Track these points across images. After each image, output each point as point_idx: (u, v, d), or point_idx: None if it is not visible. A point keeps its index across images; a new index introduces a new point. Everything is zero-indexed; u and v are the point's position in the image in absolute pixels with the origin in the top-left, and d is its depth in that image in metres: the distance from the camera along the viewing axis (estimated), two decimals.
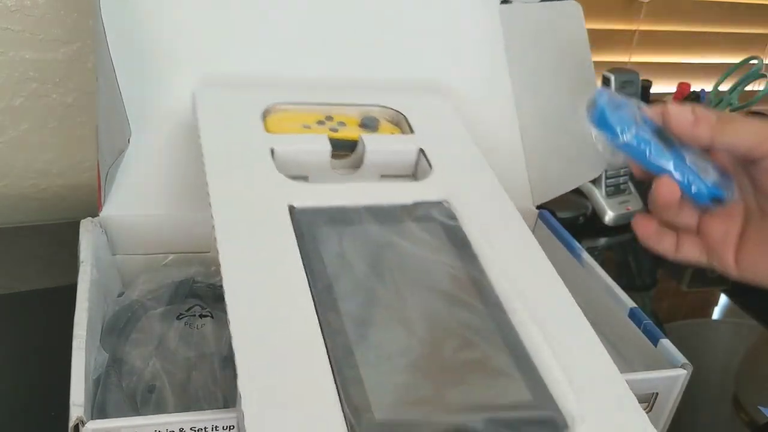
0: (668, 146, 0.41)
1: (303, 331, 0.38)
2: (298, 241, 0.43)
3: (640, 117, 0.41)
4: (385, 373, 0.36)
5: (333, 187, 0.50)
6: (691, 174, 0.42)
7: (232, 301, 0.38)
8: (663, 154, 0.41)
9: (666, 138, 0.42)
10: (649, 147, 0.41)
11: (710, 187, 0.42)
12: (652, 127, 0.42)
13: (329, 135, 0.53)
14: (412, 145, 0.54)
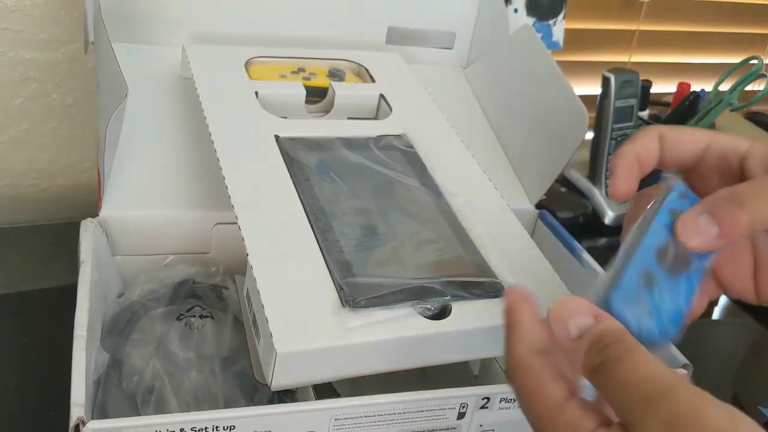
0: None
1: (298, 227, 0.47)
2: (285, 162, 0.52)
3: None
4: (363, 254, 0.46)
5: (310, 123, 0.60)
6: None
7: (239, 207, 0.47)
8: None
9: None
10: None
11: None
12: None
13: (303, 83, 0.62)
14: (374, 91, 0.64)
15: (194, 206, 0.56)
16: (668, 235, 0.34)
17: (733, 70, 0.90)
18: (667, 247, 0.34)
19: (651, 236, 0.34)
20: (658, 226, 0.34)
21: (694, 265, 0.34)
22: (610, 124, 0.85)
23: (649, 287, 0.33)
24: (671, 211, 0.34)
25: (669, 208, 0.34)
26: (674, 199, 0.34)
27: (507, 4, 0.87)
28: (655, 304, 0.33)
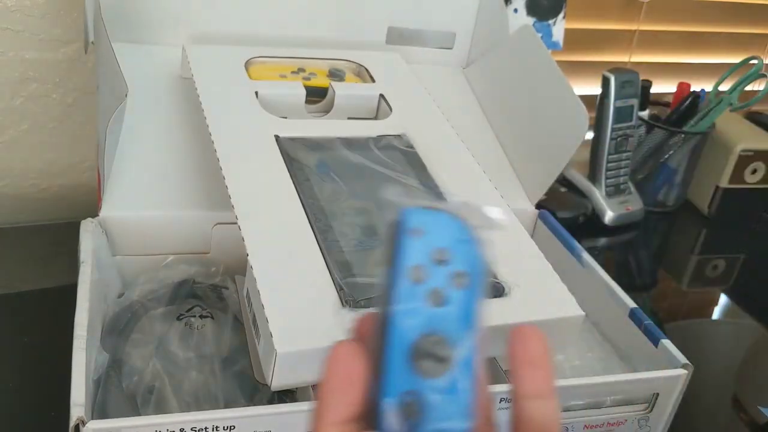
0: None
1: (298, 227, 0.47)
2: (285, 162, 0.52)
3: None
4: (363, 254, 0.46)
5: (310, 123, 0.60)
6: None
7: (239, 207, 0.46)
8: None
9: None
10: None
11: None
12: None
13: (303, 83, 0.62)
14: (374, 91, 0.64)
15: (194, 206, 0.56)
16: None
17: (733, 70, 0.90)
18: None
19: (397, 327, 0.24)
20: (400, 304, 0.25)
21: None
22: (610, 124, 0.85)
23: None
24: (412, 270, 0.24)
25: (407, 266, 0.25)
26: (408, 246, 0.25)
27: (507, 4, 0.87)
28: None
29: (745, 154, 0.92)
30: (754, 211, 0.97)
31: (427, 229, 0.25)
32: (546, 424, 0.26)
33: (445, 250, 0.25)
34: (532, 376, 0.26)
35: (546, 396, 0.26)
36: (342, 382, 0.24)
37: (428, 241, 0.25)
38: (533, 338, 0.26)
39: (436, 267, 0.25)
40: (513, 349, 0.26)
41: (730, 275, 0.87)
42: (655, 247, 0.90)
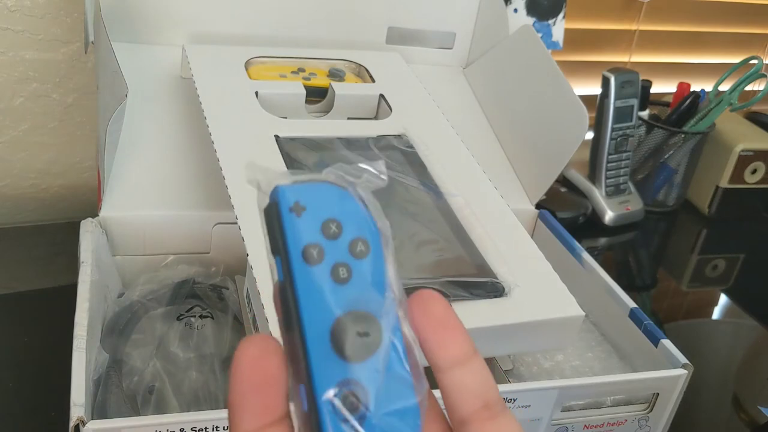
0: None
1: None
2: (285, 162, 0.52)
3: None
4: None
5: (310, 123, 0.60)
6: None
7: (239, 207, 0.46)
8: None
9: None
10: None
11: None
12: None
13: (303, 83, 0.62)
14: (374, 91, 0.64)
15: (194, 206, 0.56)
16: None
17: (733, 70, 0.90)
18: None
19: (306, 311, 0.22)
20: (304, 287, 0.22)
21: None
22: (610, 124, 0.85)
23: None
24: (304, 251, 0.22)
25: (297, 248, 0.22)
26: (293, 226, 0.22)
27: (507, 4, 0.87)
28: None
29: (745, 154, 0.92)
30: (754, 211, 0.97)
31: (307, 204, 0.23)
32: (477, 391, 0.22)
33: (334, 221, 0.23)
34: (444, 340, 0.22)
35: (467, 359, 0.23)
36: (255, 385, 0.21)
37: (313, 216, 0.23)
38: (432, 300, 0.23)
39: (329, 241, 0.22)
40: (413, 317, 0.23)
41: (730, 275, 0.87)
42: (655, 247, 0.90)
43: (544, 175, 0.65)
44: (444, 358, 0.22)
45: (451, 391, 0.22)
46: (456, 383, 0.22)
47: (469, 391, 0.22)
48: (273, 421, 0.21)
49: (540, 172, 0.66)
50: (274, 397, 0.21)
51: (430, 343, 0.22)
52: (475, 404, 0.22)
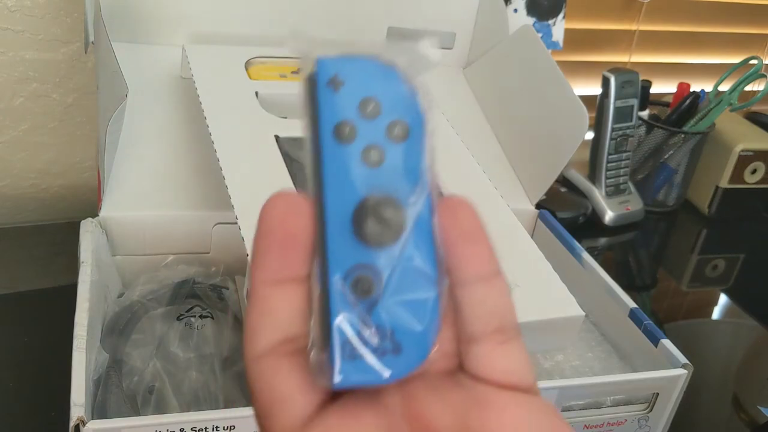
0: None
1: None
2: (285, 162, 0.52)
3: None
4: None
5: None
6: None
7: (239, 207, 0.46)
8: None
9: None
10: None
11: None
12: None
13: None
14: None
15: (194, 206, 0.56)
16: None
17: (732, 70, 0.90)
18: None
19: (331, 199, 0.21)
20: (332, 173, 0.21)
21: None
22: (610, 124, 0.85)
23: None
24: (337, 128, 0.21)
25: (331, 125, 0.21)
26: (329, 101, 0.21)
27: (507, 4, 0.87)
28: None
29: (745, 154, 0.92)
30: (754, 211, 0.97)
31: (347, 79, 0.21)
32: (495, 312, 0.21)
33: (373, 100, 0.21)
34: (469, 254, 0.21)
35: (490, 277, 0.21)
36: (277, 239, 0.20)
37: (351, 92, 0.21)
38: (462, 208, 0.21)
39: (365, 121, 0.21)
40: (441, 225, 0.21)
41: (730, 275, 0.87)
42: (655, 247, 0.90)
43: (544, 175, 0.65)
44: (466, 272, 0.21)
45: (467, 305, 0.21)
46: (474, 299, 0.21)
47: (486, 309, 0.21)
48: (290, 278, 0.20)
49: (540, 172, 0.66)
50: (294, 256, 0.20)
51: (453, 254, 0.21)
52: (490, 325, 0.21)
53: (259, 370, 0.21)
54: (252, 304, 0.21)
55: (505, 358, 0.21)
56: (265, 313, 0.20)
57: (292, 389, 0.20)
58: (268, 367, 0.21)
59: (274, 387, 0.21)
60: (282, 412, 0.21)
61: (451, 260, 0.21)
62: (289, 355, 0.21)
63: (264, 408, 0.21)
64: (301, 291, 0.21)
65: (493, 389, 0.21)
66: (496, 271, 0.21)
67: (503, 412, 0.21)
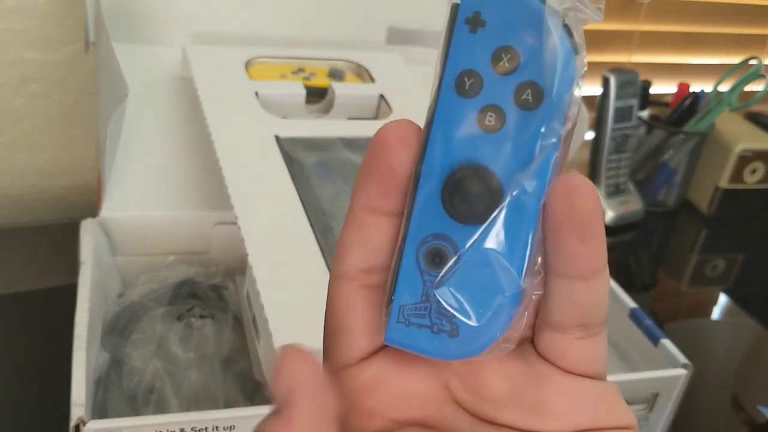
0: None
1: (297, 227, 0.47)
2: (285, 162, 0.52)
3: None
4: None
5: (310, 123, 0.60)
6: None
7: (239, 207, 0.47)
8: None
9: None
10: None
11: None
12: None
13: (303, 83, 0.62)
14: (374, 91, 0.64)
15: (194, 206, 0.56)
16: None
17: (732, 70, 0.90)
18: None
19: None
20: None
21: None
22: (610, 124, 0.85)
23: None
24: (462, 76, 0.18)
25: (456, 71, 0.18)
26: (462, 43, 0.18)
27: None
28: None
29: (745, 154, 0.92)
30: (754, 211, 0.97)
31: (489, 19, 0.18)
32: (586, 310, 0.19)
33: (511, 51, 0.18)
34: (578, 251, 0.18)
35: (592, 276, 0.19)
36: (381, 169, 0.19)
37: (489, 37, 0.18)
38: (582, 193, 0.18)
39: (494, 75, 0.18)
40: (557, 205, 0.18)
41: (729, 275, 0.87)
42: (655, 247, 0.90)
43: None
44: (568, 268, 0.19)
45: (557, 296, 0.19)
46: (566, 293, 0.19)
47: (577, 307, 0.19)
48: (385, 211, 0.20)
49: None
50: (393, 190, 0.19)
51: (558, 246, 0.18)
52: (575, 320, 0.19)
53: (339, 292, 0.21)
54: (347, 223, 0.20)
55: (580, 352, 0.20)
56: (357, 236, 0.20)
57: (360, 325, 0.20)
58: (347, 293, 0.21)
59: (345, 315, 0.21)
60: (344, 342, 0.21)
61: (554, 250, 0.18)
62: (369, 288, 0.20)
63: (331, 330, 0.21)
64: (395, 224, 0.20)
65: (556, 370, 0.20)
66: (602, 268, 0.19)
67: (560, 393, 0.20)
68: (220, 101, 0.57)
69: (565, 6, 0.18)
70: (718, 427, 0.63)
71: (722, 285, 0.84)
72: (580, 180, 0.18)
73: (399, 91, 0.64)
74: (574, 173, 0.18)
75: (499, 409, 0.20)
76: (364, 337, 0.21)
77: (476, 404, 0.21)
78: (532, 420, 0.20)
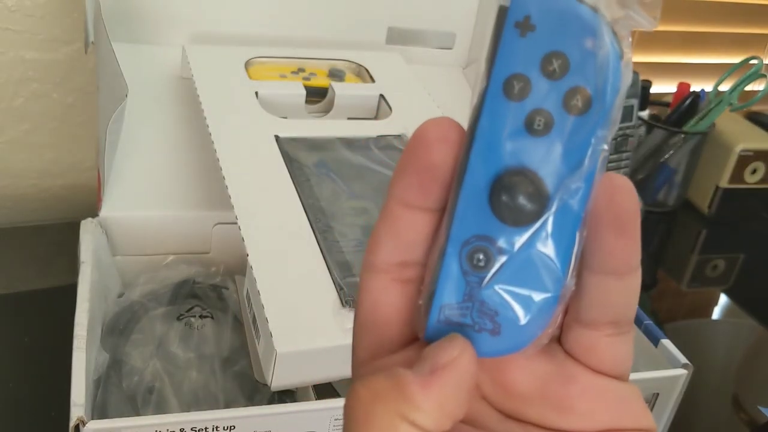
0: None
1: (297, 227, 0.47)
2: (285, 162, 0.52)
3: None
4: (363, 254, 0.47)
5: (310, 123, 0.60)
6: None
7: (239, 207, 0.47)
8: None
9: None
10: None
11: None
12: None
13: (303, 83, 0.62)
14: (374, 91, 0.64)
15: (194, 206, 0.56)
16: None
17: (733, 70, 0.90)
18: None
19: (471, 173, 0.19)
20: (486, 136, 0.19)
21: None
22: None
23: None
24: (510, 80, 0.18)
25: (504, 74, 0.18)
26: (510, 46, 0.18)
27: None
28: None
29: (745, 154, 0.92)
30: (754, 211, 0.97)
31: (539, 24, 0.18)
32: (617, 307, 0.20)
33: (561, 56, 0.18)
34: (616, 246, 0.19)
35: (626, 273, 0.20)
36: (421, 165, 0.19)
37: (539, 41, 0.18)
38: (623, 193, 0.19)
39: (543, 79, 0.18)
40: (599, 203, 0.19)
41: (730, 275, 0.87)
42: (655, 247, 0.90)
43: None
44: (605, 263, 0.19)
45: (591, 292, 0.20)
46: (600, 290, 0.20)
47: (609, 304, 0.20)
48: (423, 207, 0.20)
49: None
50: (431, 187, 0.19)
51: (598, 242, 0.19)
52: (606, 317, 0.20)
53: (371, 285, 0.21)
54: (382, 217, 0.21)
55: (608, 350, 0.21)
56: (391, 230, 0.20)
57: (391, 317, 0.21)
58: (379, 285, 0.21)
59: (377, 308, 0.21)
60: (374, 334, 0.21)
61: (593, 247, 0.19)
62: (402, 282, 0.21)
63: (361, 321, 0.22)
64: (431, 221, 0.20)
65: (582, 369, 0.21)
66: (636, 266, 0.20)
67: (585, 392, 0.20)
68: (220, 101, 0.57)
69: (618, 15, 0.18)
70: (718, 427, 0.63)
71: (722, 285, 0.84)
72: (622, 180, 0.19)
73: (399, 91, 0.64)
74: (616, 173, 0.19)
75: (525, 406, 0.21)
76: (393, 330, 0.21)
77: (504, 400, 0.21)
78: (557, 418, 0.20)
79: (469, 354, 0.19)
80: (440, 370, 0.18)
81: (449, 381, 0.18)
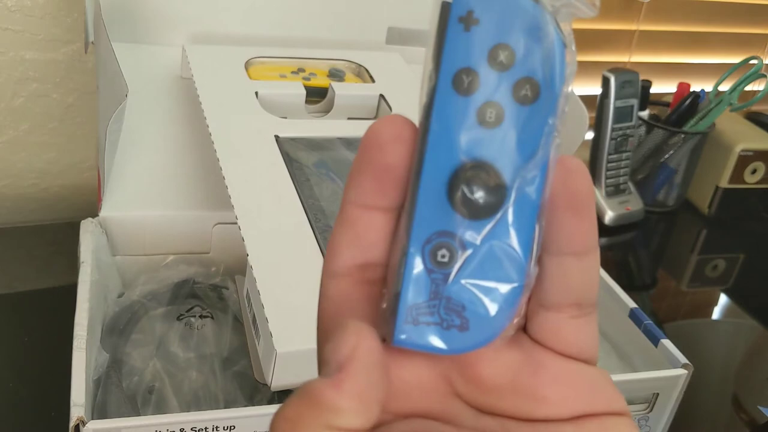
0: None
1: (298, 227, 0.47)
2: (285, 162, 0.52)
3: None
4: None
5: (310, 123, 0.60)
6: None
7: (239, 207, 0.47)
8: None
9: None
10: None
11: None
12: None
13: (303, 83, 0.62)
14: (374, 91, 0.64)
15: (194, 206, 0.56)
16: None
17: (733, 70, 0.90)
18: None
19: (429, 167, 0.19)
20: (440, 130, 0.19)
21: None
22: (610, 124, 0.85)
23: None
24: (458, 74, 0.18)
25: (452, 69, 0.19)
26: (456, 41, 0.18)
27: None
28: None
29: (745, 154, 0.92)
30: (754, 211, 0.97)
31: (483, 18, 0.18)
32: (578, 288, 0.20)
33: (507, 48, 0.18)
34: (572, 227, 0.19)
35: (584, 253, 0.20)
36: (376, 165, 0.19)
37: (484, 35, 0.18)
38: (576, 175, 0.20)
39: (492, 72, 0.18)
40: (554, 187, 0.19)
41: (729, 275, 0.87)
42: (655, 247, 0.90)
43: None
44: (563, 245, 0.20)
45: (551, 276, 0.20)
46: (560, 271, 0.20)
47: (569, 283, 0.20)
48: (380, 206, 0.20)
49: None
50: (387, 186, 0.19)
51: (554, 224, 0.19)
52: (568, 298, 0.20)
53: (332, 290, 0.21)
54: (339, 221, 0.20)
55: (573, 332, 0.21)
56: (350, 233, 0.20)
57: (356, 320, 0.20)
58: (341, 289, 0.21)
59: (340, 313, 0.21)
60: (339, 338, 0.21)
61: (550, 230, 0.20)
62: (364, 284, 0.20)
63: (325, 328, 0.21)
64: (390, 220, 0.20)
65: (551, 355, 0.21)
66: (593, 247, 0.20)
67: (556, 380, 0.20)
68: (220, 101, 0.57)
69: (559, 4, 0.18)
70: (718, 427, 0.63)
71: (722, 285, 0.84)
72: (574, 163, 0.20)
73: (399, 91, 0.64)
74: (569, 156, 0.20)
75: (498, 399, 0.21)
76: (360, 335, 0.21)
77: (476, 396, 0.21)
78: (531, 408, 0.20)
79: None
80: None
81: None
